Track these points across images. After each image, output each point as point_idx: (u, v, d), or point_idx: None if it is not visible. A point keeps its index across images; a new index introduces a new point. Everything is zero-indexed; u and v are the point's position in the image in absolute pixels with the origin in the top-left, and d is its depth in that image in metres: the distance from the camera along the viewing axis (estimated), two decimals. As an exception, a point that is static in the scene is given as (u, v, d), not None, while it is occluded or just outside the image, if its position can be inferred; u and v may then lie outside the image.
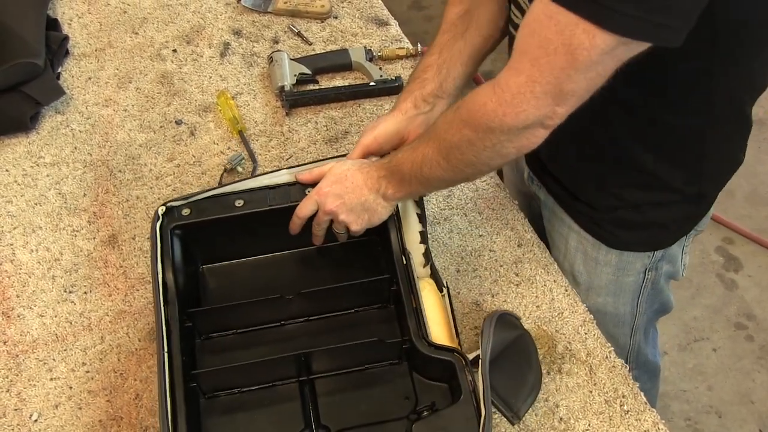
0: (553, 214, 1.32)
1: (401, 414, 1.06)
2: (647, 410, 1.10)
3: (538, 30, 0.84)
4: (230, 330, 1.15)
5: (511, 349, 1.11)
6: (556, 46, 0.83)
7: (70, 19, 1.64)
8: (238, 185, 1.18)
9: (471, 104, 0.95)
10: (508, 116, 0.90)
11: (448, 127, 1.00)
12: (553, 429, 1.09)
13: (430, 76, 1.18)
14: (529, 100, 0.88)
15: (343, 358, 1.10)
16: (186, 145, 1.44)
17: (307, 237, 1.18)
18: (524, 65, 0.87)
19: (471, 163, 1.01)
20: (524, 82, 0.87)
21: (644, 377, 1.56)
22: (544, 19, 0.83)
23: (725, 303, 2.36)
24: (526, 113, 0.89)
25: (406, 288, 1.09)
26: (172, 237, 1.13)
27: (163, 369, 1.02)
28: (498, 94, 0.90)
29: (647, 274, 1.29)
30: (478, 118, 0.94)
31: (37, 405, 1.14)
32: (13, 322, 1.22)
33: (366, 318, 1.16)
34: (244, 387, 1.09)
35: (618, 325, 1.37)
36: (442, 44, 1.18)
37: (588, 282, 1.31)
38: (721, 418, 2.13)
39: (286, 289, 1.13)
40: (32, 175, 1.40)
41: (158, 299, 1.07)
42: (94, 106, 1.50)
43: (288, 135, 1.44)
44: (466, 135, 0.97)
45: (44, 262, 1.29)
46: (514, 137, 0.93)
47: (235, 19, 1.64)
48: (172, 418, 0.99)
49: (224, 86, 1.52)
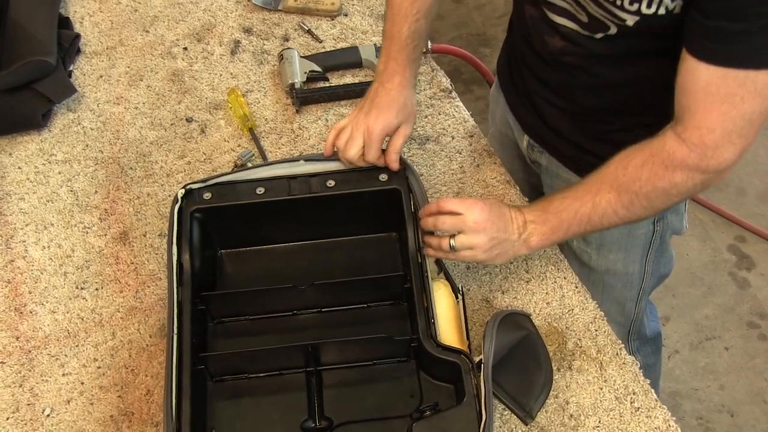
0: (557, 178, 1.33)
1: (404, 412, 1.06)
2: (658, 407, 1.10)
3: (716, 90, 0.92)
4: (243, 316, 1.16)
5: (518, 350, 1.11)
6: (742, 95, 0.92)
7: (82, 18, 1.65)
8: (257, 171, 1.18)
9: (667, 160, 0.99)
10: (711, 166, 0.98)
11: (635, 180, 1.02)
12: (563, 426, 1.09)
13: (421, 43, 1.21)
14: (728, 149, 0.96)
15: (351, 351, 1.10)
16: (197, 143, 1.44)
17: (324, 228, 1.19)
18: (714, 122, 0.94)
19: (654, 209, 1.05)
20: (720, 136, 0.95)
21: (647, 349, 1.59)
22: (718, 81, 0.92)
23: (737, 302, 2.35)
24: (728, 160, 0.97)
25: (418, 286, 1.09)
26: (192, 220, 1.14)
27: (171, 350, 1.03)
28: (698, 152, 0.97)
29: (656, 225, 1.31)
30: (679, 170, 0.99)
31: (50, 400, 1.14)
32: (25, 318, 1.23)
33: (378, 313, 1.16)
34: (251, 373, 1.10)
35: (627, 286, 1.39)
36: (427, 9, 1.20)
37: (599, 239, 1.32)
38: (733, 417, 2.12)
39: (301, 278, 1.13)
40: (44, 172, 1.41)
41: (172, 280, 1.08)
42: (105, 104, 1.51)
43: (298, 132, 1.45)
44: (661, 186, 1.01)
45: (56, 259, 1.29)
46: (716, 178, 1.00)
47: (245, 17, 1.64)
48: (177, 399, 1.00)
49: (235, 84, 1.53)
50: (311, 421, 1.06)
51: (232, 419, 1.08)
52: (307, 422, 1.06)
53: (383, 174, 1.18)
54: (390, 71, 1.21)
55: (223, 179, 1.17)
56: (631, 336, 1.52)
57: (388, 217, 1.19)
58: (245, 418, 1.08)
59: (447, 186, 1.35)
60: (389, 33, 1.22)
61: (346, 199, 1.17)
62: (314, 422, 1.06)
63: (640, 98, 1.15)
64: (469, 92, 2.79)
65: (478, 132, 1.44)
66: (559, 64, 1.17)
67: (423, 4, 1.20)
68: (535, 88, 1.27)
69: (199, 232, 1.15)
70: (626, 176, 1.02)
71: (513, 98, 1.37)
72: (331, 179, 1.16)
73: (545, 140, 1.32)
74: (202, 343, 1.12)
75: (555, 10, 1.11)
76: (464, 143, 1.42)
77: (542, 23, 1.15)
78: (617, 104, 1.18)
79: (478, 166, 1.38)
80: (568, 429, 1.08)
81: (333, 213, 1.19)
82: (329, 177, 1.17)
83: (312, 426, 1.06)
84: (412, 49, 1.21)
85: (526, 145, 1.38)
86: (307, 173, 1.17)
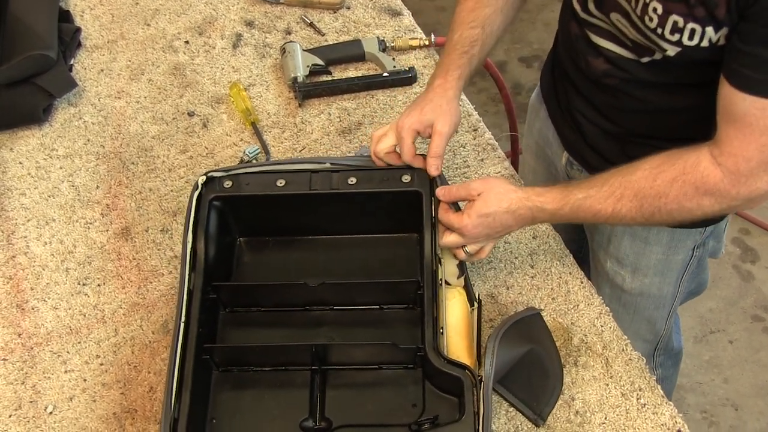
0: None
1: (404, 421, 1.04)
2: (664, 403, 1.09)
3: (755, 122, 0.91)
4: (254, 307, 1.15)
5: (528, 357, 1.09)
6: None
7: (83, 11, 1.64)
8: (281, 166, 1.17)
9: (699, 182, 0.97)
10: (742, 193, 0.97)
11: (661, 195, 0.99)
12: (569, 422, 1.08)
13: (477, 51, 1.18)
14: (762, 178, 0.95)
15: (357, 354, 1.09)
16: (199, 137, 1.43)
17: (344, 224, 1.18)
18: (752, 152, 0.93)
19: (673, 222, 1.03)
20: (756, 166, 0.94)
21: (668, 363, 1.57)
22: (757, 112, 0.90)
23: (741, 295, 2.34)
24: (761, 189, 0.96)
25: (429, 295, 1.06)
26: (210, 207, 1.13)
27: (177, 337, 1.02)
28: (731, 179, 0.95)
29: (695, 251, 1.29)
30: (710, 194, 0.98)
31: (52, 397, 1.14)
32: (27, 314, 1.22)
33: (391, 317, 1.14)
34: (256, 366, 1.10)
35: (659, 307, 1.38)
36: (484, 18, 1.18)
37: (635, 263, 1.30)
38: (738, 410, 2.11)
39: (318, 273, 1.12)
40: (45, 167, 1.40)
41: (184, 266, 1.08)
42: (106, 98, 1.50)
43: (301, 126, 1.44)
44: (688, 207, 0.99)
45: (58, 255, 1.29)
46: (744, 206, 1.00)
47: (247, 10, 1.63)
48: (177, 388, 0.99)
49: (237, 78, 1.52)
50: (311, 421, 1.05)
51: (233, 411, 1.07)
52: (306, 421, 1.05)
53: (406, 175, 1.15)
54: (434, 75, 1.20)
55: (246, 170, 1.16)
56: (657, 352, 1.49)
57: (409, 219, 1.16)
58: (246, 411, 1.07)
59: (451, 180, 1.34)
60: (446, 40, 1.21)
61: (366, 198, 1.15)
62: (314, 422, 1.05)
63: (685, 125, 1.11)
64: (472, 84, 2.74)
65: (482, 126, 1.42)
66: (602, 86, 1.14)
67: (480, 13, 1.18)
68: (579, 106, 1.23)
69: (216, 220, 1.14)
70: (653, 189, 0.99)
71: (555, 112, 1.33)
72: (353, 176, 1.15)
73: (585, 159, 1.28)
74: (211, 331, 1.11)
75: (599, 33, 1.09)
76: (468, 137, 1.41)
77: (586, 44, 1.12)
78: (662, 130, 1.14)
79: (483, 160, 1.37)
80: (574, 426, 1.08)
81: (353, 210, 1.17)
82: (351, 174, 1.15)
83: (311, 426, 1.05)
84: (458, 55, 1.18)
85: (565, 161, 1.34)
86: (329, 169, 1.16)
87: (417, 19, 1.62)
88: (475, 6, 1.18)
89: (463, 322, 1.10)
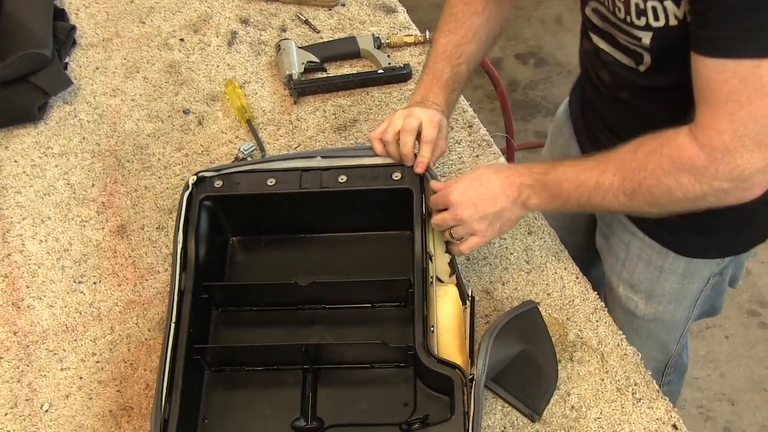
0: (614, 219, 1.27)
1: (395, 420, 1.04)
2: (659, 398, 1.09)
3: (718, 87, 0.85)
4: (246, 306, 1.15)
5: (523, 353, 1.09)
6: (748, 94, 0.83)
7: (77, 9, 1.64)
8: (272, 164, 1.17)
9: (675, 155, 0.93)
10: (722, 171, 0.90)
11: (641, 168, 0.96)
12: (564, 417, 1.08)
13: (464, 60, 1.19)
14: (742, 155, 0.88)
15: (348, 354, 1.09)
16: (194, 135, 1.43)
17: (335, 222, 1.18)
18: (722, 123, 0.87)
19: (659, 206, 0.98)
20: (730, 140, 0.87)
21: (675, 378, 1.54)
22: (718, 77, 0.84)
23: (737, 290, 2.33)
24: (741, 168, 0.89)
25: (419, 294, 1.06)
26: (201, 207, 1.13)
27: (167, 338, 1.02)
28: (707, 153, 0.90)
29: (712, 279, 1.26)
30: (686, 170, 0.92)
31: (48, 395, 1.14)
32: (23, 312, 1.22)
33: (383, 315, 1.14)
34: (248, 366, 1.10)
35: (671, 331, 1.35)
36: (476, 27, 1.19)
37: (649, 290, 1.28)
38: (734, 405, 2.12)
39: (311, 271, 1.12)
40: (41, 165, 1.40)
41: (175, 267, 1.08)
42: (101, 96, 1.50)
43: (296, 123, 1.44)
44: (666, 184, 0.94)
45: (53, 253, 1.29)
46: (737, 191, 0.92)
47: (242, 7, 1.63)
48: (168, 389, 0.99)
49: (232, 75, 1.52)
50: (302, 420, 1.05)
51: (225, 411, 1.07)
52: (297, 421, 1.05)
53: (397, 172, 1.15)
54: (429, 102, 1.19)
55: (237, 169, 1.16)
56: (667, 370, 1.47)
57: (400, 216, 1.16)
58: (238, 411, 1.07)
59: (446, 177, 1.34)
60: (431, 69, 1.20)
61: (357, 195, 1.15)
62: (305, 421, 1.05)
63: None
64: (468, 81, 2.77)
65: (477, 122, 1.43)
66: (614, 100, 1.13)
67: (467, 49, 1.18)
68: (599, 127, 1.22)
69: (207, 220, 1.14)
70: (634, 162, 0.96)
71: (580, 130, 1.31)
72: (343, 174, 1.14)
73: None
74: (203, 331, 1.11)
75: (599, 33, 1.08)
76: (463, 134, 1.41)
77: (594, 55, 1.12)
78: None
79: (477, 156, 1.38)
80: (569, 421, 1.08)
81: (344, 208, 1.18)
82: (342, 172, 1.15)
83: (302, 425, 1.05)
84: (450, 91, 1.20)
85: None
86: (320, 167, 1.16)
87: (412, 16, 1.62)
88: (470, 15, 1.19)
89: (455, 320, 1.10)
